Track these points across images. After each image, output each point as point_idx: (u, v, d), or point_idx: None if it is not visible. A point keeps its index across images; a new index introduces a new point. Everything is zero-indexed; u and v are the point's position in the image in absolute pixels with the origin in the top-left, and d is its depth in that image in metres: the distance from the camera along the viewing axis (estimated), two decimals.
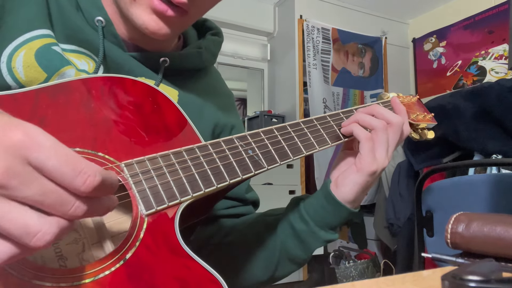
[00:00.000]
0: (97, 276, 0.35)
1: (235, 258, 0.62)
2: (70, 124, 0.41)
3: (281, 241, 0.59)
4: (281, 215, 0.60)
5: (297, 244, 0.58)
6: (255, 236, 0.61)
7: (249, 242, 0.62)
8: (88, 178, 0.28)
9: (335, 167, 0.59)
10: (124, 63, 0.55)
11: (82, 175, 0.28)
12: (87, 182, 0.28)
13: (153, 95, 0.47)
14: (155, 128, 0.46)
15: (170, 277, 0.38)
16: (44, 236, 0.26)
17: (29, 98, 0.40)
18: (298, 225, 0.57)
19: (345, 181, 0.54)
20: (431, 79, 3.35)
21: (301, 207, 0.58)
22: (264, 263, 0.60)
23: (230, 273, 0.59)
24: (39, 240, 0.26)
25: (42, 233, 0.26)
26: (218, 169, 0.45)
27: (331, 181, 0.57)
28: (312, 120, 0.57)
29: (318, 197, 0.57)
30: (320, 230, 0.56)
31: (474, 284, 0.25)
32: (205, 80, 0.68)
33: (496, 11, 2.88)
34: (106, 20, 0.54)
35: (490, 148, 1.68)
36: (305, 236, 0.57)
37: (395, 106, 0.62)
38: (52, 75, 0.50)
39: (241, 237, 0.63)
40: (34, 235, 0.26)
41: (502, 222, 0.42)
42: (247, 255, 0.61)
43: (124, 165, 0.41)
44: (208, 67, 0.69)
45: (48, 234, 0.27)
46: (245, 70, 3.28)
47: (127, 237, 0.38)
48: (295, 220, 0.58)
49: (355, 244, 2.97)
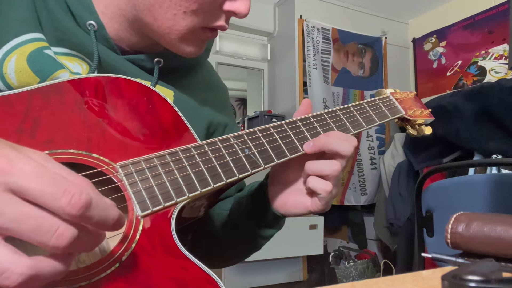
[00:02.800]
0: (93, 278, 0.35)
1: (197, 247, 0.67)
2: (64, 125, 0.40)
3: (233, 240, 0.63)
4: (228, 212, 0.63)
5: (246, 242, 0.62)
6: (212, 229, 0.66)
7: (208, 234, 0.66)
8: (73, 196, 0.26)
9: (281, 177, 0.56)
10: (119, 65, 0.54)
11: (66, 194, 0.26)
12: (72, 201, 0.26)
13: (148, 95, 0.47)
14: (150, 128, 0.45)
15: (167, 278, 0.37)
16: (11, 276, 0.24)
17: (23, 99, 0.39)
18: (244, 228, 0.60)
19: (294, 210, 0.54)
20: (431, 79, 3.35)
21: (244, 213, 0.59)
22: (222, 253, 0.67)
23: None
24: (7, 279, 0.24)
25: (9, 272, 0.24)
26: (215, 169, 0.45)
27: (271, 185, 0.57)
28: (308, 118, 0.56)
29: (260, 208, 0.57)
30: (264, 231, 0.59)
31: (474, 284, 0.24)
32: (200, 75, 0.68)
33: (496, 11, 2.87)
34: (98, 24, 0.53)
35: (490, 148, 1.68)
36: (254, 237, 0.60)
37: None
38: (45, 79, 0.49)
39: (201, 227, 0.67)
40: (1, 274, 0.24)
41: (502, 222, 0.41)
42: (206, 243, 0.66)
43: (119, 166, 0.40)
44: (202, 62, 0.69)
45: (16, 274, 0.24)
46: (245, 70, 3.28)
47: (122, 239, 0.38)
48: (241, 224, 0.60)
49: (355, 244, 2.96)
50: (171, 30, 0.52)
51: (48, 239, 0.26)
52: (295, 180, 0.55)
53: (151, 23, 0.52)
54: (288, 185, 0.55)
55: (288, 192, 0.55)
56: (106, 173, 0.40)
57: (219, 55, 3.08)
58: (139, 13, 0.52)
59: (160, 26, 0.52)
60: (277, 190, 0.56)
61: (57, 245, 0.26)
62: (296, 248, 2.30)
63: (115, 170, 0.40)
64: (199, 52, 0.56)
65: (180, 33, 0.52)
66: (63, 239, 0.26)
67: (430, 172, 1.17)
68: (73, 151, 0.39)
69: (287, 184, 0.56)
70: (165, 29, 0.52)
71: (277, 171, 0.56)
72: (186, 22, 0.51)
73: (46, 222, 0.26)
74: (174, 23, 0.51)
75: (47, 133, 0.39)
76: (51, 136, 0.39)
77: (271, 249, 2.16)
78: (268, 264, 2.36)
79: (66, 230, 0.26)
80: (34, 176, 0.26)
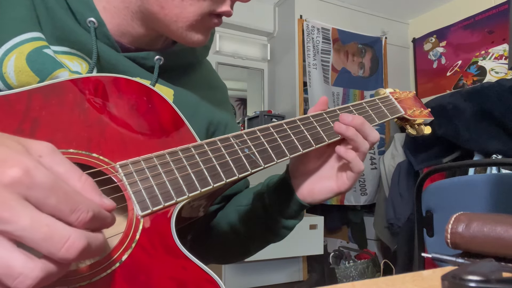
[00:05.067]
0: (93, 278, 0.35)
1: (212, 245, 0.69)
2: (64, 125, 0.40)
3: (255, 233, 0.65)
4: (249, 207, 0.64)
5: (270, 234, 0.63)
6: (228, 225, 0.66)
7: (224, 231, 0.67)
8: (81, 214, 0.28)
9: (303, 168, 0.59)
10: (118, 64, 0.54)
11: (76, 211, 0.28)
12: (80, 218, 0.28)
13: (148, 94, 0.47)
14: (150, 128, 0.45)
15: (167, 278, 0.37)
16: (25, 280, 0.25)
17: (22, 99, 0.39)
18: (269, 222, 0.62)
19: (321, 195, 0.57)
20: (431, 79, 3.34)
21: (267, 206, 0.61)
22: (241, 248, 0.68)
23: (210, 255, 0.70)
24: (21, 283, 0.25)
25: (23, 276, 0.25)
26: (214, 169, 0.45)
27: (294, 178, 0.59)
28: (308, 117, 0.56)
29: (284, 200, 0.60)
30: (288, 221, 0.62)
31: (474, 284, 0.24)
32: (199, 73, 0.68)
33: (496, 11, 2.87)
34: (98, 21, 0.53)
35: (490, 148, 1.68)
36: (277, 229, 0.62)
37: None
38: (44, 79, 0.49)
39: (216, 225, 0.69)
40: (16, 277, 0.25)
41: (502, 222, 0.41)
42: (224, 240, 0.68)
43: (119, 165, 0.40)
44: (201, 60, 0.69)
45: (30, 278, 0.26)
46: (245, 70, 3.28)
47: (123, 238, 0.38)
48: (266, 218, 0.62)
49: (355, 244, 2.96)
50: (178, 17, 0.51)
51: (58, 249, 0.27)
52: (317, 169, 0.59)
53: (158, 12, 0.51)
54: (310, 174, 0.59)
55: (312, 181, 0.58)
56: (106, 173, 0.40)
57: (219, 55, 3.07)
58: (145, 3, 0.52)
59: (167, 15, 0.51)
60: (301, 181, 0.59)
61: (66, 257, 0.27)
62: (296, 248, 2.30)
63: (115, 169, 0.40)
64: (205, 40, 0.56)
65: (188, 20, 0.51)
66: (73, 251, 0.27)
67: (430, 172, 1.17)
68: (73, 151, 0.39)
69: (309, 174, 0.59)
70: (172, 17, 0.51)
71: (298, 164, 0.59)
72: (193, 8, 0.51)
73: (58, 232, 0.27)
74: (182, 10, 0.51)
75: (47, 133, 0.39)
76: (51, 136, 0.39)
77: (271, 249, 2.15)
78: (268, 264, 2.36)
79: (77, 239, 0.27)
80: (53, 192, 0.27)
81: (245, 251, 0.69)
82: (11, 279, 0.25)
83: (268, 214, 0.61)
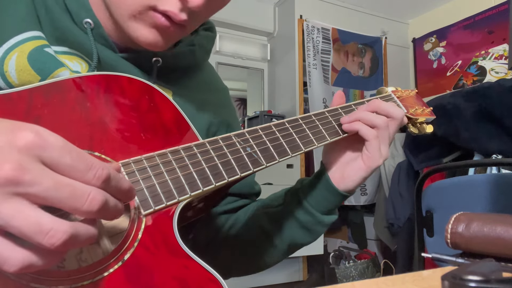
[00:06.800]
0: (95, 278, 0.35)
1: (244, 250, 0.66)
2: (66, 124, 0.40)
3: (288, 233, 0.62)
4: (282, 207, 0.63)
5: (305, 233, 0.62)
6: (260, 229, 0.64)
7: (255, 235, 0.65)
8: (97, 171, 0.29)
9: (332, 158, 0.60)
10: (117, 64, 0.54)
11: (93, 168, 0.29)
12: (97, 174, 0.29)
13: (150, 93, 0.47)
14: (152, 127, 0.45)
15: (169, 278, 0.37)
16: (56, 234, 0.26)
17: (24, 97, 0.39)
18: (303, 218, 0.60)
19: (352, 176, 0.57)
20: (431, 79, 3.35)
21: (302, 200, 0.60)
22: (275, 252, 0.65)
23: (243, 263, 0.67)
24: (52, 238, 0.26)
25: (54, 230, 0.26)
26: (217, 168, 0.45)
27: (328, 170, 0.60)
28: (310, 116, 0.56)
29: (319, 189, 0.60)
30: (324, 217, 0.60)
31: (474, 284, 0.24)
32: (199, 76, 0.67)
33: (496, 11, 2.87)
34: (95, 22, 0.52)
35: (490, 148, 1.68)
36: (312, 225, 0.61)
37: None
38: (46, 77, 0.49)
39: (246, 230, 0.66)
40: (47, 233, 0.26)
41: (502, 222, 0.42)
42: (255, 247, 0.65)
43: (121, 164, 0.40)
44: (202, 63, 0.68)
45: (60, 232, 0.27)
46: (245, 70, 3.28)
47: (125, 238, 0.38)
48: (300, 214, 0.61)
49: (355, 244, 2.96)
50: (120, 4, 0.49)
51: (82, 204, 0.28)
52: (345, 155, 0.60)
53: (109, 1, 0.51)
54: (340, 161, 0.60)
55: (342, 167, 0.59)
56: None
57: (219, 55, 3.07)
58: None
59: (111, 1, 0.50)
60: (333, 171, 0.60)
61: (90, 209, 0.29)
62: None
63: None
64: (155, 40, 0.50)
65: (129, 8, 0.49)
66: (96, 203, 0.29)
67: (430, 172, 1.17)
68: None
69: (339, 160, 0.60)
70: (116, 3, 0.50)
71: (329, 154, 0.60)
72: None
73: (79, 189, 0.28)
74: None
75: None
76: None
77: None
78: None
79: (97, 195, 0.29)
80: (66, 151, 0.29)
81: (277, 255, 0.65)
82: (42, 235, 0.26)
83: (303, 209, 0.60)
